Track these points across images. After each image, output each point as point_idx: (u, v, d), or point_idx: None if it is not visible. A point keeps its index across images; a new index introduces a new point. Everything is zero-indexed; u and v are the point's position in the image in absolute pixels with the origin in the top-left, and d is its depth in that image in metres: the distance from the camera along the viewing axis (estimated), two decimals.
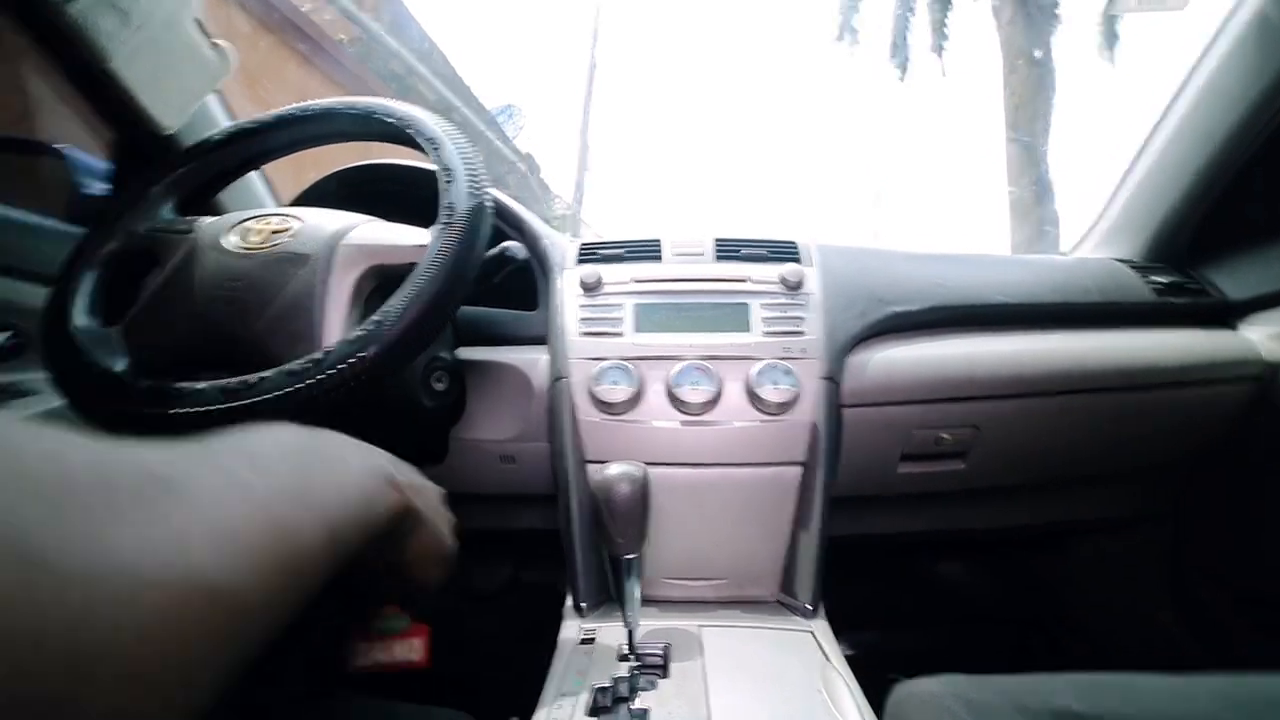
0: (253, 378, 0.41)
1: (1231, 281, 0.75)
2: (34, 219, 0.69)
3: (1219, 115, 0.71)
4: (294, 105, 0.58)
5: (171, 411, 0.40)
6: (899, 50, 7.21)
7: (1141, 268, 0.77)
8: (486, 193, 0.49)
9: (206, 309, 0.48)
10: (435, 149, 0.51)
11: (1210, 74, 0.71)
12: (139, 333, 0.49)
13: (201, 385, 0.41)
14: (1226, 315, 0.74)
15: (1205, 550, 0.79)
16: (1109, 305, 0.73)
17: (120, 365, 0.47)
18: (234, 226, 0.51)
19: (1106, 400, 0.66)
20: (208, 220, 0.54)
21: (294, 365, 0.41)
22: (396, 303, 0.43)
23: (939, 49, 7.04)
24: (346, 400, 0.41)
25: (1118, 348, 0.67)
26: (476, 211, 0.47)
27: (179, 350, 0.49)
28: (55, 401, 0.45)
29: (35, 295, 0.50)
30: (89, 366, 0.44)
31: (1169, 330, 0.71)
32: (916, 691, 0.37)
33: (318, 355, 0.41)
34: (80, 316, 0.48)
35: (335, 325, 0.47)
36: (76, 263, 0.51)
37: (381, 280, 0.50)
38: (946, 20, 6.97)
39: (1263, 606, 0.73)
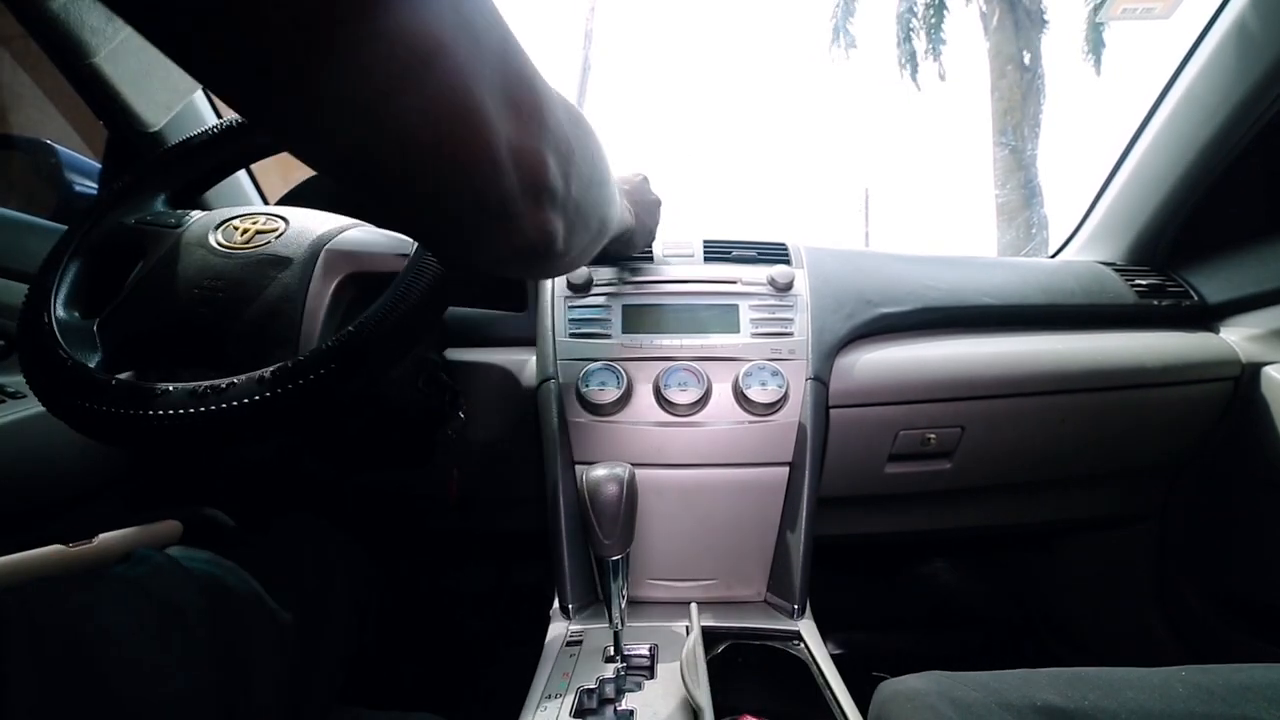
0: (222, 383, 0.40)
1: (1211, 284, 0.76)
2: (25, 217, 0.68)
3: (1200, 122, 0.72)
4: None
5: (139, 413, 0.39)
6: (905, 52, 7.26)
7: (1124, 270, 0.78)
8: None
9: (185, 306, 0.47)
10: None
11: (1191, 81, 0.72)
12: (116, 326, 0.48)
13: (171, 388, 0.40)
14: (1206, 317, 0.76)
15: (1188, 552, 0.80)
16: (1093, 307, 0.74)
17: (94, 360, 0.46)
18: (221, 224, 0.51)
19: (1089, 400, 0.67)
20: (197, 215, 0.53)
21: (264, 372, 0.40)
22: (373, 313, 0.42)
23: (935, 53, 7.11)
24: (319, 408, 0.40)
25: (1101, 348, 0.68)
26: None
27: (156, 346, 0.48)
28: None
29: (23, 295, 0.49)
30: (61, 359, 0.43)
31: (1151, 331, 0.73)
32: (901, 689, 0.37)
33: (288, 364, 0.40)
34: (60, 307, 0.47)
35: (315, 331, 0.46)
36: (60, 252, 0.49)
37: (364, 287, 0.49)
38: (942, 25, 7.04)
39: (1246, 609, 0.74)
